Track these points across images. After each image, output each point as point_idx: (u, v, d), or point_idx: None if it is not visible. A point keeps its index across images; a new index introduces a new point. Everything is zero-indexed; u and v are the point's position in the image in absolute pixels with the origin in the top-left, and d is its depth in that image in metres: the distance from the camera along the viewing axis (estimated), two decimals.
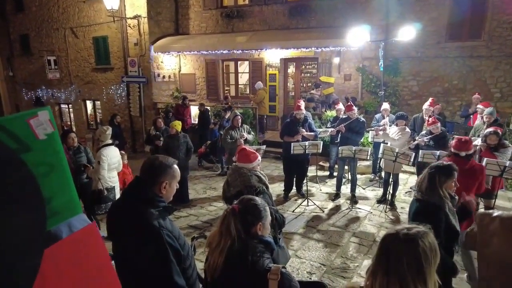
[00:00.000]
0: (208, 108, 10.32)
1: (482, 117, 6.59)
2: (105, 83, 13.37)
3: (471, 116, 7.48)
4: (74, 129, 15.08)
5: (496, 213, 2.22)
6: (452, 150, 3.73)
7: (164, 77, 12.70)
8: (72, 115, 15.24)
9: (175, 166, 2.00)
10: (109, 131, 5.06)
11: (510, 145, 5.71)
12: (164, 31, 12.47)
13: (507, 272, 2.12)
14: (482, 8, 8.76)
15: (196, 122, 10.43)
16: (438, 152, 5.19)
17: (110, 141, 5.02)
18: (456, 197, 2.86)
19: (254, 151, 3.27)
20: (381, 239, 1.49)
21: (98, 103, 14.16)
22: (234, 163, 3.38)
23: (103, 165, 4.72)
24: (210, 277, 1.74)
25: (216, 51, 11.24)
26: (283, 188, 6.72)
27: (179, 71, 13.15)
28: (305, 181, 6.41)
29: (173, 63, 12.95)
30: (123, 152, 6.07)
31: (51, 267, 0.98)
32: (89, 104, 14.71)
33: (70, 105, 15.12)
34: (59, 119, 15.41)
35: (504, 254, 2.13)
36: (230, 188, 3.23)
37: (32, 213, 0.99)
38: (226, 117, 8.32)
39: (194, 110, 10.92)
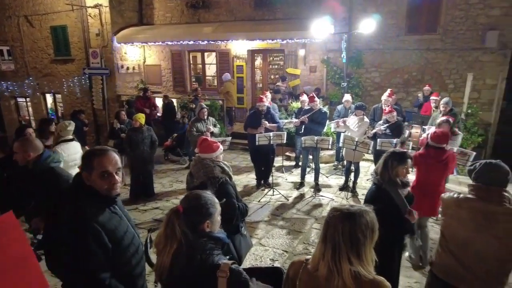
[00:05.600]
0: (173, 100, 10.17)
1: (437, 107, 7.00)
2: (66, 75, 12.78)
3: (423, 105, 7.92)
4: (33, 124, 14.35)
5: (456, 194, 2.38)
6: (430, 142, 3.79)
7: (128, 68, 12.33)
8: (30, 109, 14.46)
9: (99, 157, 1.85)
10: (71, 126, 4.86)
11: (460, 132, 6.12)
12: (128, 21, 12.08)
13: (457, 243, 2.30)
14: (438, 3, 9.19)
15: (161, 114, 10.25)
16: (395, 140, 5.46)
17: (70, 137, 4.84)
18: (409, 183, 3.01)
19: (215, 140, 3.28)
20: (327, 214, 1.58)
21: (59, 96, 13.52)
22: (197, 155, 3.38)
23: (61, 162, 4.53)
24: (158, 278, 1.71)
25: (181, 42, 11.06)
26: (250, 179, 6.82)
27: (144, 62, 12.82)
28: (272, 171, 6.52)
29: (137, 54, 12.59)
30: None
31: None
32: (49, 98, 14.01)
33: (28, 99, 14.32)
34: (15, 113, 14.59)
35: (454, 228, 2.32)
36: (193, 180, 3.24)
37: None
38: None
39: (159, 102, 10.71)
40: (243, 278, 1.67)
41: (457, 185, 6.67)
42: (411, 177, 3.20)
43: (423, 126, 6.72)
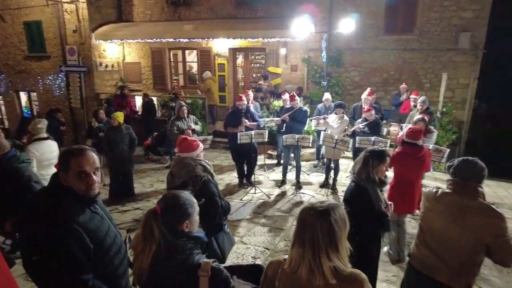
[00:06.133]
0: (153, 98, 10.03)
1: (416, 105, 7.21)
2: (41, 73, 12.37)
3: (402, 104, 8.13)
4: (6, 123, 13.85)
5: (435, 189, 2.47)
6: (406, 139, 3.90)
7: (107, 66, 12.06)
8: (3, 107, 13.92)
9: (77, 157, 1.80)
10: (42, 123, 4.73)
11: (435, 130, 6.33)
12: (106, 17, 11.80)
13: (432, 234, 2.39)
14: (414, 4, 9.45)
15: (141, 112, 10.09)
16: (373, 138, 5.59)
17: (44, 135, 4.70)
18: (387, 181, 3.09)
19: (195, 139, 3.26)
20: (299, 213, 1.59)
21: (34, 94, 13.07)
22: (177, 154, 3.35)
23: (32, 162, 4.39)
24: (137, 281, 1.68)
25: (162, 39, 10.90)
26: (232, 178, 6.82)
27: (123, 60, 12.56)
28: (254, 169, 6.54)
29: (117, 51, 12.33)
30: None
31: None
32: (23, 96, 13.52)
33: (0, 97, 13.78)
34: None
35: (432, 221, 2.41)
36: (174, 179, 3.21)
37: None
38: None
39: (139, 100, 10.55)
40: (224, 276, 1.68)
41: (433, 181, 6.90)
42: (389, 174, 3.29)
43: (401, 124, 6.89)
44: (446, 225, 2.28)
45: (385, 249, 4.22)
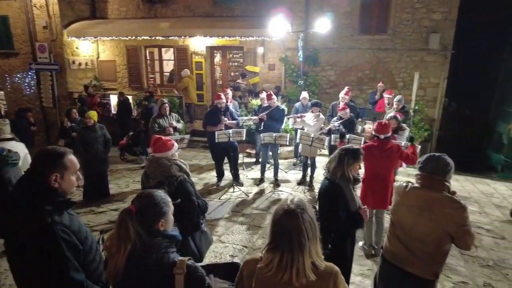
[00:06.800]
0: (129, 97, 9.83)
1: (389, 103, 7.43)
2: (9, 70, 11.86)
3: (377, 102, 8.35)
4: None
5: (405, 183, 2.57)
6: (374, 133, 4.11)
7: (80, 64, 11.71)
8: None
9: (69, 156, 1.85)
10: (4, 124, 4.50)
11: (407, 127, 6.54)
12: (79, 14, 11.46)
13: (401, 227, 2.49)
14: (387, 5, 9.72)
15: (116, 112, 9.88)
16: (348, 136, 5.72)
17: (7, 136, 4.50)
18: (360, 178, 3.18)
19: (170, 138, 3.23)
20: (273, 215, 1.62)
21: (1, 93, 12.50)
22: (151, 154, 3.30)
23: (19, 162, 4.21)
24: (111, 282, 1.67)
25: (137, 37, 10.70)
26: (211, 177, 6.81)
27: (98, 58, 12.24)
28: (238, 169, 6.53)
29: (90, 49, 11.99)
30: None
31: None
32: None
33: None
34: None
35: (402, 215, 2.50)
36: (149, 180, 3.17)
37: None
38: (149, 106, 8.04)
39: (114, 99, 10.31)
40: (199, 273, 1.69)
41: (406, 177, 7.14)
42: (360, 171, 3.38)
43: (375, 122, 7.09)
44: (415, 218, 2.38)
45: (359, 244, 4.34)
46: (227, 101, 6.74)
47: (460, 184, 7.45)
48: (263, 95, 7.63)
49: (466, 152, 12.98)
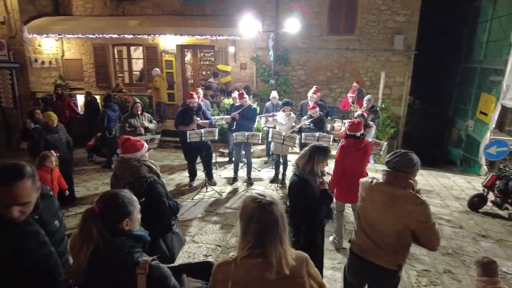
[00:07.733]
0: (97, 97, 9.52)
1: (353, 102, 7.69)
2: None
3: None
4: None
5: (370, 179, 2.68)
6: (349, 133, 4.24)
7: (43, 62, 11.19)
8: None
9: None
10: None
11: (373, 125, 6.80)
12: (41, 9, 10.94)
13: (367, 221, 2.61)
14: (354, 7, 10.02)
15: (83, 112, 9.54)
16: (317, 134, 5.88)
17: None
18: (326, 174, 3.31)
19: (139, 139, 3.18)
20: (243, 208, 1.65)
21: None
22: (119, 155, 3.24)
23: None
24: (74, 282, 1.65)
25: (105, 35, 10.37)
26: (183, 177, 6.74)
27: (62, 56, 11.74)
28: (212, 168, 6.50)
29: (54, 47, 11.49)
30: (52, 152, 5.05)
31: None
32: None
33: None
34: None
35: (367, 209, 2.62)
36: (118, 181, 3.11)
37: None
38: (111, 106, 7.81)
39: (81, 99, 9.96)
40: (163, 273, 1.66)
41: (374, 173, 7.41)
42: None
43: (344, 120, 7.32)
44: (379, 213, 2.50)
45: (330, 238, 4.48)
46: (198, 100, 6.69)
47: (424, 179, 7.84)
48: (235, 94, 7.65)
49: (429, 147, 13.67)
